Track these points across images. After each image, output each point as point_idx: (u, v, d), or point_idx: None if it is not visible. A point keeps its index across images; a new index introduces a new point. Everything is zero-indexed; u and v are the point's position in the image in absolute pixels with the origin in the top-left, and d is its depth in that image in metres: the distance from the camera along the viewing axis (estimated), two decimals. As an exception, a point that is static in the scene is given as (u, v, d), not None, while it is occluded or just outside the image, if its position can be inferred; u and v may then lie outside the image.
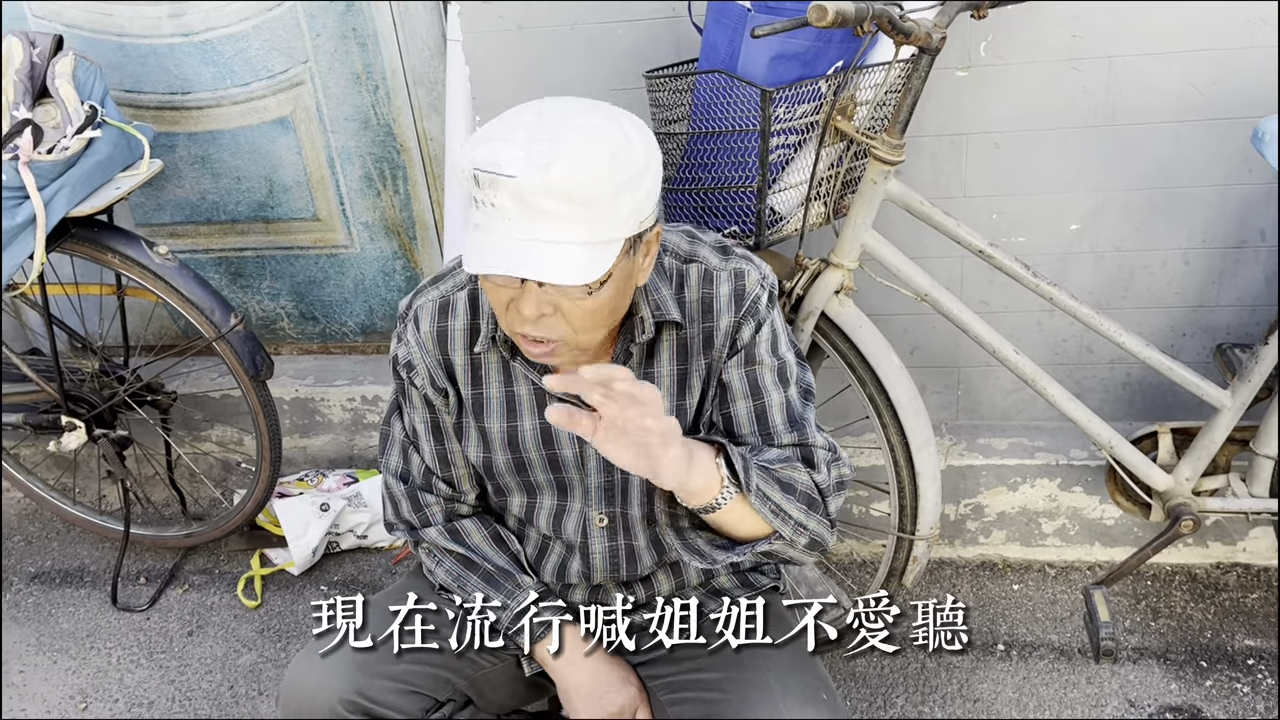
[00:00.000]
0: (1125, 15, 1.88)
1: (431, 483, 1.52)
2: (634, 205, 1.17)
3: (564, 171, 1.11)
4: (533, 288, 1.18)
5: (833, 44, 1.63)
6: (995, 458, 2.25)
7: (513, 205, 1.13)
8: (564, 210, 1.13)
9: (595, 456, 1.43)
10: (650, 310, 1.33)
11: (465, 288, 1.41)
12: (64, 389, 2.28)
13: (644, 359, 1.39)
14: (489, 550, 1.51)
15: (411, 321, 1.43)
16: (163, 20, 2.38)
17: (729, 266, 1.37)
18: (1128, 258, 2.10)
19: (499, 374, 1.42)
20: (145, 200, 2.63)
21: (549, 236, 1.13)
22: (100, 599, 2.52)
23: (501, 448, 1.45)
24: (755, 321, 1.37)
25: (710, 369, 1.39)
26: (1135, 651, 2.10)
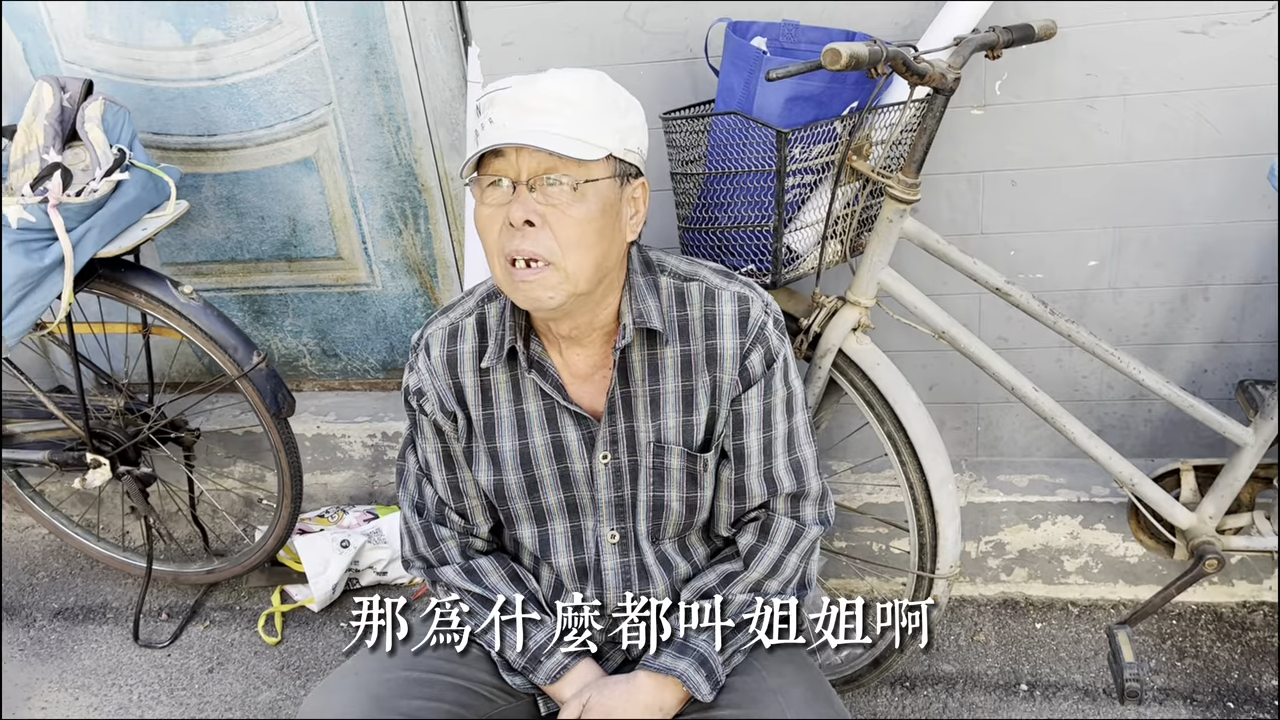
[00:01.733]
0: (1139, 54, 1.89)
1: (445, 515, 1.55)
2: (618, 126, 1.33)
3: (553, 80, 1.30)
4: (524, 193, 1.29)
5: (847, 85, 1.65)
6: (1016, 494, 2.24)
7: (508, 112, 1.29)
8: (554, 107, 1.28)
9: (605, 471, 1.47)
10: (633, 316, 1.39)
11: (473, 314, 1.47)
12: (89, 426, 2.31)
13: (647, 375, 1.44)
14: (506, 590, 1.52)
15: (422, 350, 1.49)
16: (190, 65, 2.43)
17: (731, 288, 1.44)
18: (1147, 294, 2.09)
19: (509, 393, 1.46)
20: (171, 239, 2.67)
21: (542, 127, 1.28)
22: (122, 635, 2.53)
23: (514, 467, 1.48)
24: (765, 349, 1.43)
25: (716, 386, 1.44)
26: (1161, 692, 2.07)
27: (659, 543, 1.52)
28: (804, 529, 1.51)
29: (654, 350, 1.43)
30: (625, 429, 1.45)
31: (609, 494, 1.48)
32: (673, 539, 1.53)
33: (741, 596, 1.49)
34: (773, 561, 1.49)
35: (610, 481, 1.47)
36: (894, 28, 1.93)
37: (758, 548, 1.50)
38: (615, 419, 1.45)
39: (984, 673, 2.17)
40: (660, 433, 1.45)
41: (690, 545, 1.55)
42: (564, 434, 1.46)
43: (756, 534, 1.51)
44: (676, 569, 1.53)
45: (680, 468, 1.46)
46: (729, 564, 1.52)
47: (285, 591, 2.57)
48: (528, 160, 1.28)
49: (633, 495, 1.48)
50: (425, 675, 1.48)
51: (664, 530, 1.51)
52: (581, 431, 1.46)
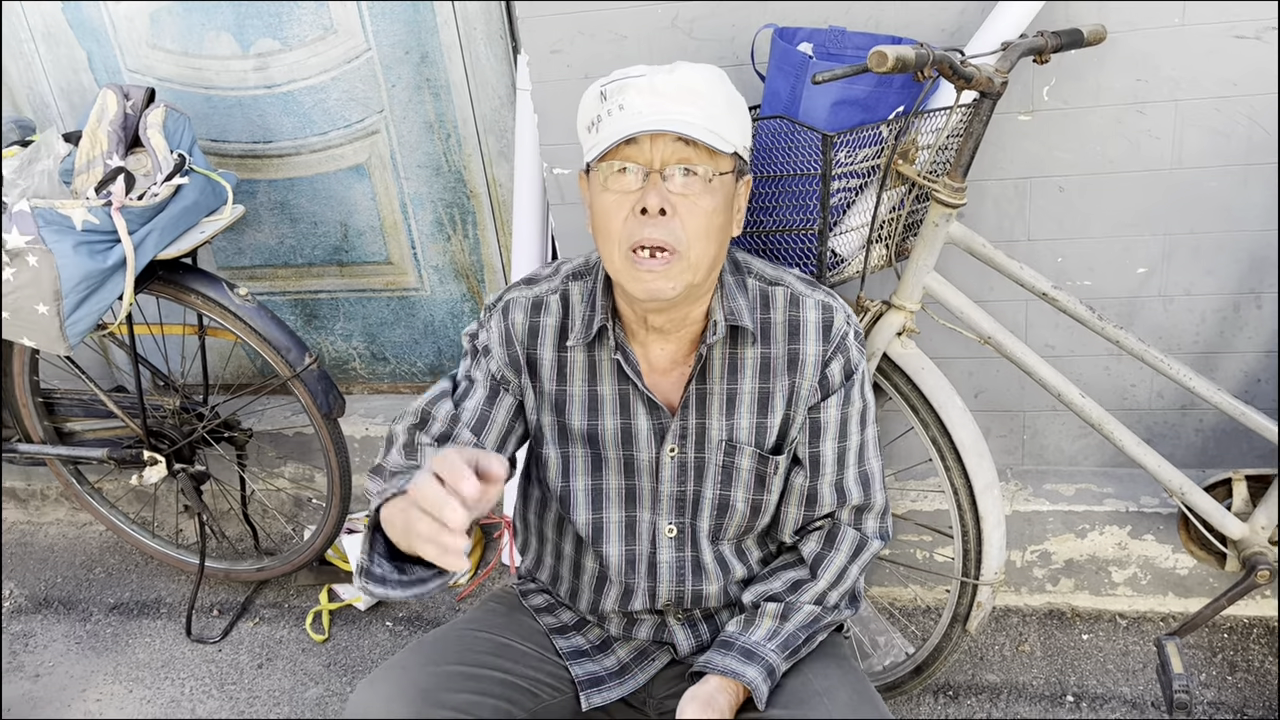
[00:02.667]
0: (1191, 59, 1.87)
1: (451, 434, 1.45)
2: (740, 124, 1.35)
3: (686, 74, 1.30)
4: (657, 181, 1.29)
5: (893, 89, 1.65)
6: (1062, 504, 2.21)
7: (641, 99, 1.29)
8: (690, 97, 1.29)
9: (671, 464, 1.47)
10: (724, 314, 1.40)
11: (558, 291, 1.47)
12: (147, 425, 2.37)
13: (726, 374, 1.45)
14: None
15: (499, 311, 1.48)
16: (248, 73, 2.50)
17: (815, 296, 1.45)
18: (1198, 301, 2.07)
19: (584, 372, 1.47)
20: (226, 244, 2.73)
21: (681, 115, 1.28)
22: (175, 630, 2.59)
23: (581, 443, 1.49)
24: (846, 359, 1.45)
25: (795, 392, 1.45)
26: (1211, 706, 2.04)
27: (718, 543, 1.53)
28: (867, 541, 1.52)
29: (735, 350, 1.44)
30: (697, 425, 1.46)
31: (672, 488, 1.49)
32: (732, 540, 1.53)
33: (808, 607, 1.49)
34: (838, 570, 1.50)
35: (674, 475, 1.48)
36: (940, 33, 1.93)
37: (824, 555, 1.50)
38: (688, 414, 1.46)
39: (1029, 683, 2.15)
40: (733, 432, 1.46)
41: (746, 549, 1.56)
42: (635, 421, 1.47)
43: (822, 542, 1.51)
44: (732, 571, 1.54)
45: (750, 468, 1.47)
46: (794, 570, 1.52)
47: (333, 590, 2.61)
48: (663, 148, 1.29)
49: (697, 492, 1.49)
50: (471, 670, 1.49)
51: (726, 530, 1.52)
52: (653, 421, 1.46)
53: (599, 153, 1.30)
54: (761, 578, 1.54)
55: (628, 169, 1.31)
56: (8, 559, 2.94)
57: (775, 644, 1.45)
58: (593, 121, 1.35)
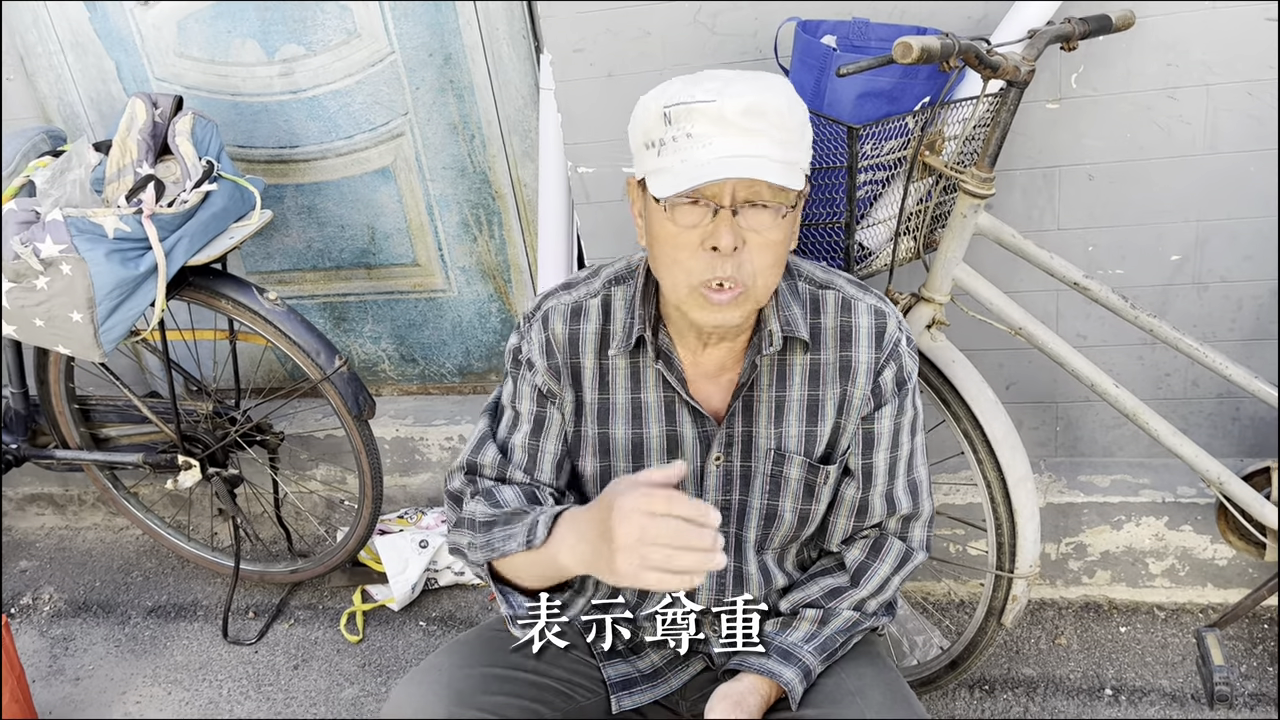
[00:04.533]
0: (1222, 43, 1.84)
1: (505, 478, 1.47)
2: (807, 143, 1.29)
3: (758, 96, 1.22)
4: (727, 217, 1.24)
5: (918, 80, 1.64)
6: (1097, 495, 2.19)
7: (712, 127, 1.22)
8: (760, 126, 1.22)
9: (716, 474, 1.46)
10: (780, 325, 1.37)
11: (598, 295, 1.45)
12: (180, 430, 2.40)
13: (774, 381, 1.42)
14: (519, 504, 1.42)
15: (539, 320, 1.46)
16: (273, 79, 2.51)
17: (867, 300, 1.42)
18: (1234, 288, 2.04)
19: (627, 380, 1.44)
20: (255, 249, 2.75)
21: (749, 150, 1.22)
22: (212, 632, 2.61)
23: (625, 455, 1.46)
24: (899, 366, 1.42)
25: (846, 399, 1.42)
26: (1252, 698, 2.01)
27: (763, 552, 1.51)
28: (913, 553, 1.50)
29: (784, 356, 1.42)
30: (743, 433, 1.44)
31: (716, 497, 1.47)
32: (776, 550, 1.52)
33: (847, 613, 1.47)
34: (881, 581, 1.48)
35: (720, 485, 1.47)
36: (966, 22, 1.91)
37: (868, 565, 1.48)
38: (734, 422, 1.43)
39: (1066, 676, 2.13)
40: (781, 440, 1.44)
41: (788, 558, 1.55)
42: (680, 429, 1.45)
43: (867, 551, 1.49)
44: (774, 580, 1.52)
45: (799, 478, 1.45)
46: (832, 578, 1.50)
47: (366, 591, 2.63)
48: (734, 184, 1.24)
49: (743, 501, 1.47)
50: (505, 671, 1.50)
51: (772, 540, 1.50)
52: (698, 430, 1.45)
53: (673, 191, 1.23)
54: (799, 584, 1.52)
55: (692, 205, 1.26)
56: (47, 564, 2.99)
57: (813, 646, 1.44)
58: (655, 142, 1.27)
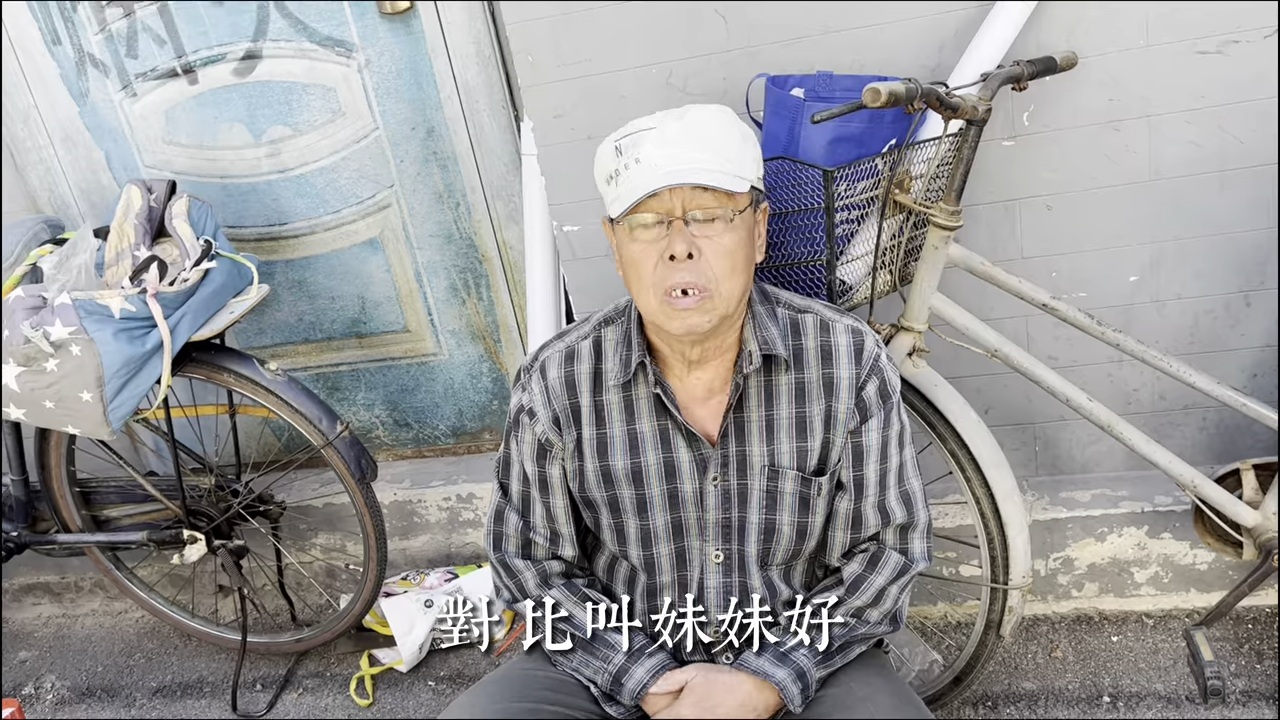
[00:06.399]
0: (1159, 77, 1.98)
1: (528, 540, 1.62)
2: (753, 156, 1.44)
3: (696, 119, 1.40)
4: (680, 227, 1.38)
5: (885, 124, 1.76)
6: (1079, 510, 2.28)
7: (656, 150, 1.38)
8: (700, 146, 1.38)
9: (714, 493, 1.53)
10: (758, 344, 1.47)
11: (589, 337, 1.55)
12: (185, 504, 2.43)
13: (762, 401, 1.51)
14: (584, 617, 1.58)
15: (537, 371, 1.56)
16: (261, 160, 2.60)
17: (844, 321, 1.52)
18: (1190, 304, 2.16)
19: (622, 412, 1.53)
20: (248, 325, 2.82)
21: (687, 161, 1.37)
22: (221, 707, 2.62)
23: (627, 483, 1.55)
24: (881, 380, 1.51)
25: (831, 414, 1.50)
26: (1244, 695, 2.09)
27: (767, 568, 1.58)
28: (910, 564, 1.57)
29: (770, 377, 1.51)
30: (737, 453, 1.52)
31: (717, 515, 1.55)
32: (780, 565, 1.59)
33: (843, 620, 1.54)
34: (877, 591, 1.55)
35: (719, 503, 1.54)
36: (922, 69, 2.04)
37: (864, 576, 1.56)
38: (728, 442, 1.52)
39: (1065, 688, 2.20)
40: (774, 457, 1.52)
41: (794, 573, 1.62)
42: (676, 454, 1.53)
43: (865, 564, 1.57)
44: (780, 595, 1.59)
45: (794, 491, 1.53)
46: (832, 592, 1.57)
47: (373, 655, 2.65)
48: (683, 196, 1.37)
49: (742, 518, 1.55)
50: (531, 705, 1.55)
51: (774, 555, 1.57)
52: (693, 453, 1.53)
53: (623, 209, 1.39)
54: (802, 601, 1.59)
55: (651, 219, 1.39)
56: (47, 653, 2.98)
57: (808, 650, 1.51)
58: (611, 175, 1.43)
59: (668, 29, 2.11)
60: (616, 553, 1.63)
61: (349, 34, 2.43)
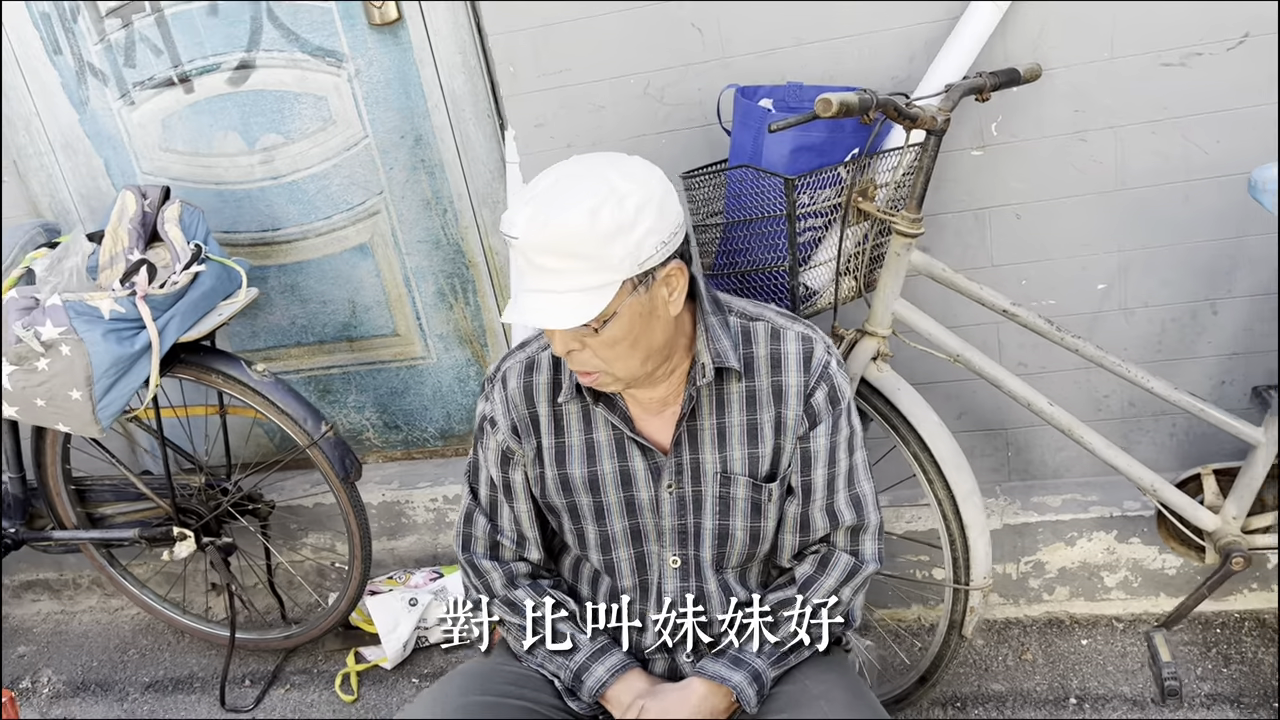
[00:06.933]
0: (1123, 88, 2.02)
1: (496, 542, 1.68)
2: (627, 250, 1.33)
3: (555, 233, 1.32)
4: (557, 331, 1.39)
5: (846, 134, 1.81)
6: (1050, 514, 2.32)
7: (524, 262, 1.38)
8: (559, 263, 1.34)
9: (669, 500, 1.58)
10: (710, 357, 1.50)
11: (549, 348, 1.59)
12: (175, 502, 2.49)
13: (715, 409, 1.55)
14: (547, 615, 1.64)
15: (499, 381, 1.61)
16: (255, 167, 2.67)
17: (795, 329, 1.55)
18: (1157, 312, 2.20)
19: (579, 422, 1.58)
20: (241, 328, 2.88)
21: (549, 286, 1.35)
22: (210, 702, 2.68)
23: (584, 491, 1.60)
24: (830, 387, 1.54)
25: (781, 421, 1.54)
26: (1208, 698, 2.11)
27: (722, 571, 1.63)
28: (861, 565, 1.61)
29: (722, 386, 1.54)
30: (691, 460, 1.57)
31: (673, 521, 1.59)
32: (735, 568, 1.63)
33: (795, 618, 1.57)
34: (828, 591, 1.59)
35: (674, 510, 1.59)
36: (892, 80, 2.09)
37: (814, 578, 1.60)
38: (681, 451, 1.56)
39: (1033, 690, 2.23)
40: (727, 464, 1.56)
41: (749, 575, 1.66)
42: (631, 464, 1.58)
43: (815, 565, 1.61)
44: (736, 596, 1.63)
45: (746, 497, 1.57)
46: (783, 591, 1.62)
47: (359, 653, 2.70)
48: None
49: (697, 524, 1.59)
50: (495, 699, 1.60)
51: (728, 558, 1.62)
52: (648, 462, 1.57)
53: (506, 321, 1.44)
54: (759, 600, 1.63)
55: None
56: (44, 648, 3.04)
57: (763, 652, 1.55)
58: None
59: (644, 40, 2.16)
60: (579, 555, 1.68)
61: (339, 44, 2.50)
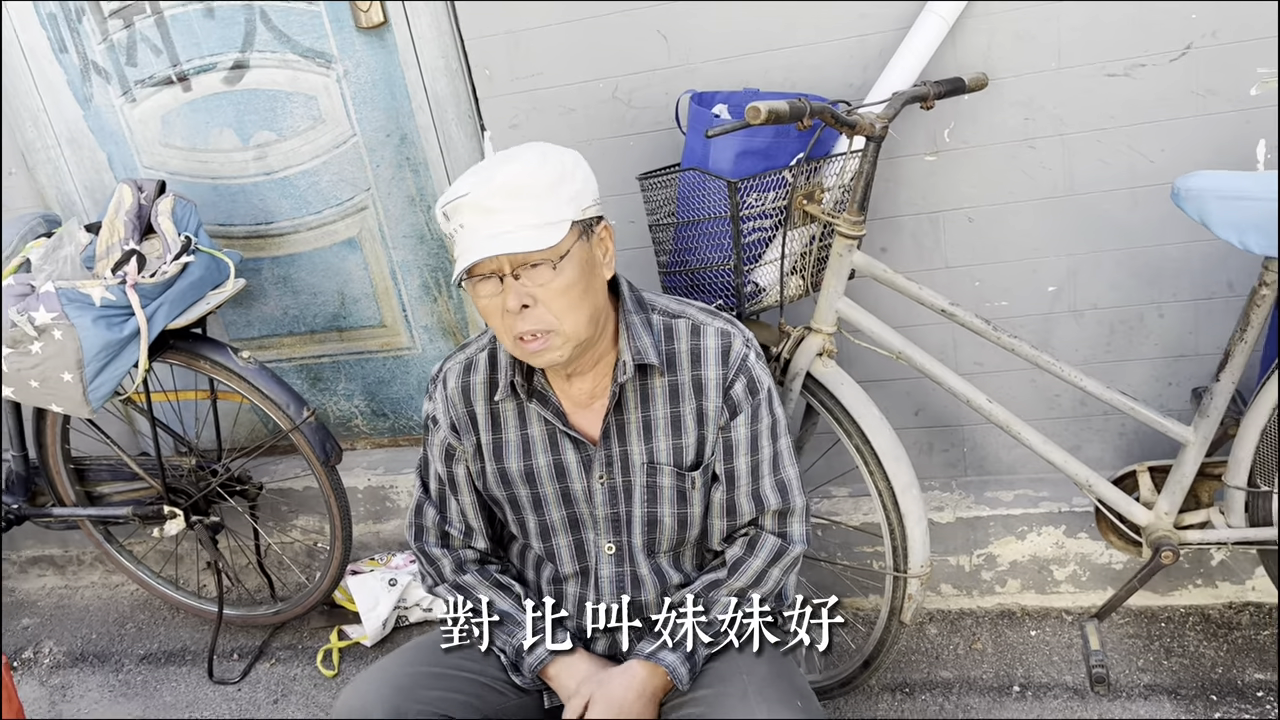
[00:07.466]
0: (1070, 98, 2.09)
1: (445, 532, 1.78)
2: (572, 193, 1.48)
3: (504, 177, 1.45)
4: (511, 283, 1.47)
5: (791, 139, 1.89)
6: (1002, 508, 2.39)
7: (474, 216, 1.45)
8: (512, 204, 1.44)
9: (601, 490, 1.67)
10: (631, 354, 1.59)
11: (486, 349, 1.69)
12: (166, 482, 2.61)
13: (640, 403, 1.64)
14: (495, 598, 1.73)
15: (440, 382, 1.72)
16: (249, 163, 2.78)
17: (715, 324, 1.63)
18: (1106, 314, 2.26)
19: (515, 418, 1.68)
20: (236, 318, 3.00)
21: (505, 227, 1.45)
22: (199, 674, 2.80)
23: (522, 483, 1.69)
24: (749, 378, 1.62)
25: (702, 412, 1.63)
26: (1147, 689, 2.18)
27: (654, 556, 1.72)
28: (789, 546, 1.68)
29: (646, 381, 1.63)
30: (620, 452, 1.66)
31: (605, 510, 1.69)
32: (668, 553, 1.72)
33: (725, 600, 1.66)
34: (756, 573, 1.67)
35: (606, 499, 1.68)
36: (848, 88, 2.16)
37: (743, 559, 1.68)
38: (610, 443, 1.65)
39: (979, 677, 2.30)
40: (653, 455, 1.65)
41: (683, 559, 1.75)
42: (564, 456, 1.67)
43: (744, 548, 1.69)
44: (669, 579, 1.72)
45: (671, 485, 1.66)
46: (714, 573, 1.70)
47: (342, 630, 2.82)
48: (505, 257, 1.46)
49: (628, 512, 1.69)
50: (445, 670, 1.69)
51: (659, 544, 1.71)
52: (580, 455, 1.67)
53: (458, 274, 1.49)
54: (689, 583, 1.72)
55: (487, 277, 1.49)
56: (48, 620, 3.18)
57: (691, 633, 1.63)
58: (448, 237, 1.53)
59: (612, 47, 2.25)
60: (524, 543, 1.78)
61: (329, 46, 2.60)
